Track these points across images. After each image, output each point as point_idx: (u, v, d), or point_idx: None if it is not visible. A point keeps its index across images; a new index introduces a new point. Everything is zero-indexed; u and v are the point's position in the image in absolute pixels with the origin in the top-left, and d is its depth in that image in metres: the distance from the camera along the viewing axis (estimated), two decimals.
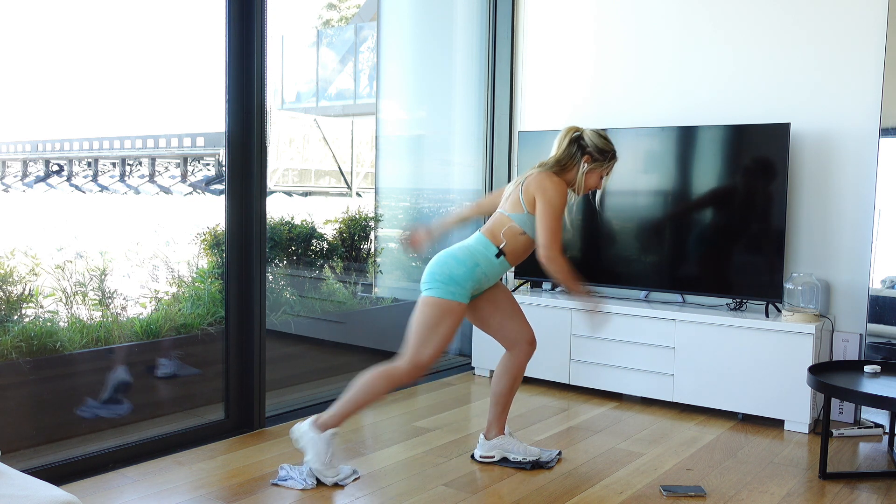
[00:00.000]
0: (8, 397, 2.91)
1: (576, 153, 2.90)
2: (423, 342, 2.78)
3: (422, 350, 2.78)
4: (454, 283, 2.79)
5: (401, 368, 2.79)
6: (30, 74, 3.38)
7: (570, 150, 2.90)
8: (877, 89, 3.67)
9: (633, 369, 4.02)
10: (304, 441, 2.83)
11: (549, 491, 2.83)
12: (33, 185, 4.01)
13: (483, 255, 2.85)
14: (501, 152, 4.87)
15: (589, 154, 2.89)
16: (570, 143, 2.91)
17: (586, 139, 2.90)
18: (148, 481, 2.83)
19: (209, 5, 3.45)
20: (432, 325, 2.78)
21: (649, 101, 4.33)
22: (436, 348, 2.78)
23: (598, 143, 2.90)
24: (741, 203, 3.91)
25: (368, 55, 5.93)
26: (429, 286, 2.82)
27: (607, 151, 2.92)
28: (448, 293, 2.78)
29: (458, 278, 2.80)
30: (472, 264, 2.82)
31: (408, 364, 2.79)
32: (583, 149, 2.90)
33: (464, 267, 2.81)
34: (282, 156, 5.26)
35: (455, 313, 2.80)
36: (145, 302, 3.62)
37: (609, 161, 2.93)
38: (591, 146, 2.90)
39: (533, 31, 4.77)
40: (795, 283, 3.71)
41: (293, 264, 4.32)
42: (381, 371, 2.81)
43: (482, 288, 2.93)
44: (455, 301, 2.79)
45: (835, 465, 3.17)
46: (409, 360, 2.79)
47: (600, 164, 2.92)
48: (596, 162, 2.90)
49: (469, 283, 2.82)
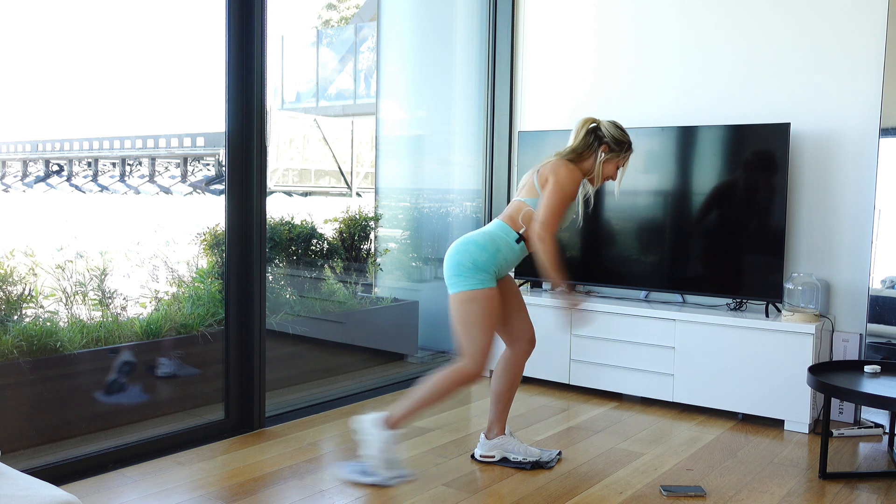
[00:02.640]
0: (8, 397, 2.91)
1: (593, 143, 2.93)
2: (473, 338, 2.80)
3: (476, 346, 2.80)
4: (479, 270, 2.80)
5: (466, 368, 2.82)
6: (30, 74, 3.38)
7: (587, 139, 2.93)
8: (877, 89, 3.67)
9: (633, 369, 4.02)
10: (372, 437, 2.85)
11: (549, 491, 2.83)
12: (33, 185, 4.01)
13: (504, 241, 2.86)
14: (501, 152, 4.87)
15: (606, 144, 2.92)
16: (587, 134, 2.94)
17: (603, 129, 2.93)
18: (148, 481, 2.83)
19: (209, 5, 3.45)
20: (473, 319, 2.79)
21: (649, 100, 4.33)
22: (487, 338, 2.80)
23: (615, 133, 2.93)
24: (741, 203, 3.91)
25: (368, 55, 5.94)
26: (455, 281, 2.82)
27: (623, 142, 2.94)
28: (477, 282, 2.79)
29: (482, 264, 2.80)
30: (493, 249, 2.83)
31: (470, 362, 2.81)
32: (600, 139, 2.93)
33: (486, 252, 2.82)
34: (282, 156, 5.27)
35: (491, 298, 2.81)
36: (145, 302, 3.62)
37: (625, 152, 2.96)
38: (607, 136, 2.92)
39: (533, 31, 4.77)
40: (795, 283, 3.71)
41: (293, 264, 4.32)
42: (449, 371, 2.84)
43: (501, 274, 2.93)
44: (486, 288, 2.80)
45: (835, 465, 3.17)
46: (470, 359, 2.81)
47: (617, 155, 2.94)
48: (612, 152, 2.93)
49: (493, 267, 2.83)
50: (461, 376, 2.83)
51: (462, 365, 2.82)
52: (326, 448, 3.28)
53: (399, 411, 2.85)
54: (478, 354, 2.80)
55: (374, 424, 2.86)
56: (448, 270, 2.85)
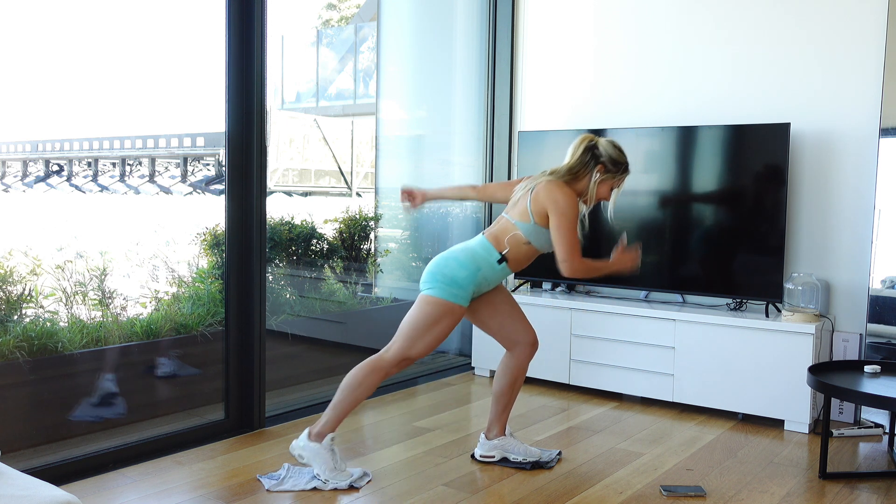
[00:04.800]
0: (8, 397, 2.91)
1: (589, 161, 2.86)
2: (416, 338, 2.79)
3: (413, 345, 2.79)
4: (456, 285, 2.79)
5: (387, 360, 2.81)
6: (30, 74, 3.38)
7: (583, 158, 2.87)
8: (877, 89, 3.67)
9: (633, 369, 4.02)
10: (307, 454, 2.82)
11: (549, 491, 2.83)
12: (33, 185, 4.01)
13: (485, 260, 2.84)
14: (501, 152, 4.87)
15: (602, 164, 2.86)
16: (584, 152, 2.87)
17: (601, 149, 2.87)
18: (148, 481, 2.83)
19: (209, 5, 3.45)
20: (429, 323, 2.78)
21: (649, 100, 4.33)
22: (428, 346, 2.80)
23: (613, 153, 2.87)
24: (741, 203, 3.91)
25: (368, 55, 5.93)
26: (430, 285, 2.82)
27: (620, 163, 2.88)
28: (449, 294, 2.78)
29: (460, 281, 2.79)
30: (474, 268, 2.82)
31: (395, 356, 2.80)
32: (596, 158, 2.86)
33: (466, 270, 2.81)
34: (282, 156, 5.26)
35: (454, 315, 2.80)
36: (145, 302, 3.62)
37: (621, 173, 2.90)
38: (605, 156, 2.86)
39: (533, 31, 4.77)
40: (795, 283, 3.71)
41: (293, 264, 4.32)
42: (366, 364, 2.82)
43: (482, 291, 2.93)
44: (455, 303, 2.79)
45: (835, 465, 3.17)
46: (398, 353, 2.80)
47: (612, 176, 2.88)
48: (608, 173, 2.87)
49: (470, 286, 2.82)
50: (381, 368, 2.81)
51: (385, 357, 2.81)
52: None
53: (324, 422, 2.82)
54: (408, 354, 2.80)
55: (308, 441, 2.82)
56: (426, 274, 2.86)
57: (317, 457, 2.80)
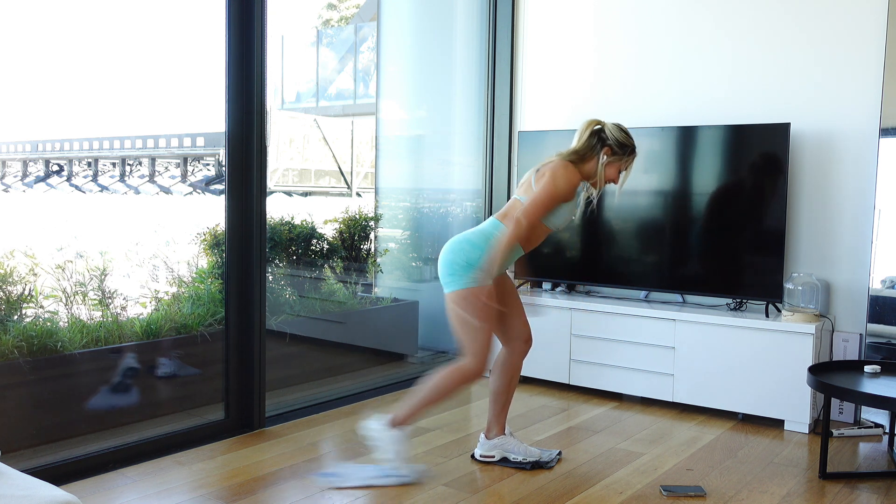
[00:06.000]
0: (8, 397, 2.91)
1: (596, 145, 2.90)
2: (472, 337, 2.80)
3: (475, 344, 2.80)
4: (472, 268, 2.79)
5: (468, 366, 2.83)
6: (30, 74, 3.38)
7: (590, 141, 2.90)
8: (877, 89, 3.67)
9: (633, 369, 4.02)
10: (383, 440, 2.86)
11: (549, 491, 2.83)
12: (33, 185, 4.01)
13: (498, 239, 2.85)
14: (501, 152, 4.87)
15: (609, 147, 2.89)
16: (590, 136, 2.91)
17: (607, 132, 2.90)
18: (148, 481, 2.83)
19: (209, 5, 3.45)
20: (471, 317, 2.78)
21: (649, 101, 4.33)
22: (486, 336, 2.81)
23: (619, 136, 2.90)
24: (741, 203, 3.91)
25: (368, 55, 5.94)
26: (450, 280, 2.81)
27: (627, 145, 2.91)
28: (472, 280, 2.78)
29: (476, 262, 2.79)
30: (487, 247, 2.82)
31: (472, 361, 2.82)
32: (603, 141, 2.90)
33: (480, 250, 2.80)
34: (282, 156, 5.27)
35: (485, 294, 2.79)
36: (145, 302, 3.62)
37: (628, 155, 2.93)
38: (611, 139, 2.89)
39: (533, 31, 4.77)
40: (795, 283, 3.71)
41: (293, 264, 4.32)
42: (451, 370, 2.85)
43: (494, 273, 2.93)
44: (480, 286, 2.79)
45: (835, 465, 3.17)
46: (472, 357, 2.82)
47: (619, 158, 2.91)
48: (615, 155, 2.90)
49: None
50: (463, 375, 2.83)
51: (464, 363, 2.82)
52: (326, 448, 3.28)
53: (403, 411, 2.86)
54: (478, 352, 2.81)
55: (381, 427, 2.86)
56: (443, 269, 2.85)
57: (393, 444, 2.85)
